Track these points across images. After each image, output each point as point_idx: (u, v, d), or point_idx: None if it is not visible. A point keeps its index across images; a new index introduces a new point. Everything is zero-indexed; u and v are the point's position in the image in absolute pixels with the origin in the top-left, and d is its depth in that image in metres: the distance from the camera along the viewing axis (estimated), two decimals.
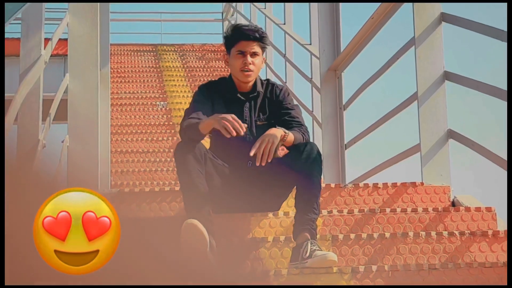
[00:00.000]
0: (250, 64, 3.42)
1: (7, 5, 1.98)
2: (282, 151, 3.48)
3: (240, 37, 3.43)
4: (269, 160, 3.18)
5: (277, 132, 3.24)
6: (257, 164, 3.18)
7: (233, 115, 3.13)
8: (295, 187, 3.30)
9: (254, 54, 3.44)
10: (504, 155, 3.65)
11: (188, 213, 3.15)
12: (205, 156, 3.27)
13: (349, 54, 5.56)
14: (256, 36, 3.42)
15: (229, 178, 3.42)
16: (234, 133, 3.09)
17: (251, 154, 3.17)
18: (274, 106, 3.53)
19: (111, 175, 5.33)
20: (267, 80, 3.61)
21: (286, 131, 3.29)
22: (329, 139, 5.80)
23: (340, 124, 5.81)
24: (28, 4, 2.22)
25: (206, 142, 3.39)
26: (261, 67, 3.53)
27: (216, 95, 3.47)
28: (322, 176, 3.39)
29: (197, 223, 2.99)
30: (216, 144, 3.50)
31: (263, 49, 3.48)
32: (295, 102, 3.67)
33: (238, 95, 3.50)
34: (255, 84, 3.53)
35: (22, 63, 2.77)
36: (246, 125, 3.18)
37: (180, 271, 2.94)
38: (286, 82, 7.67)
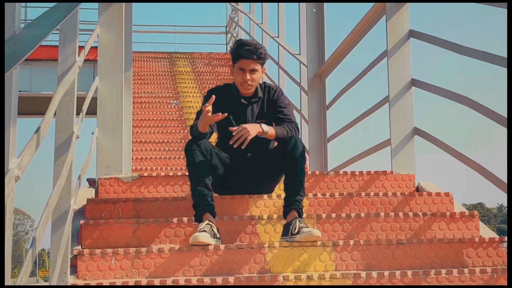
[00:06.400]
0: (248, 80, 3.38)
1: (49, 18, 1.96)
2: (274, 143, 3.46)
3: (241, 55, 3.35)
4: (244, 146, 3.16)
5: (256, 127, 3.22)
6: (230, 142, 3.17)
7: (204, 107, 3.10)
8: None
9: (253, 71, 3.38)
10: (461, 148, 3.64)
11: (194, 199, 3.12)
12: (211, 152, 3.25)
13: (332, 63, 5.55)
14: (254, 57, 3.33)
15: (231, 167, 3.41)
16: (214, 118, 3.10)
17: (233, 131, 3.17)
18: (270, 104, 3.51)
19: (132, 161, 5.31)
20: (264, 83, 3.58)
21: (266, 128, 3.25)
22: (314, 133, 5.79)
23: (323, 121, 5.80)
24: (66, 17, 2.20)
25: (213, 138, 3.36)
26: (261, 77, 3.48)
27: (223, 100, 3.42)
28: (307, 164, 3.36)
29: (202, 239, 2.89)
30: (222, 139, 3.48)
31: (262, 64, 3.41)
32: (288, 101, 3.64)
33: (242, 100, 3.47)
34: (256, 90, 3.48)
35: (60, 67, 2.74)
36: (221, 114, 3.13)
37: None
38: (279, 86, 7.63)
